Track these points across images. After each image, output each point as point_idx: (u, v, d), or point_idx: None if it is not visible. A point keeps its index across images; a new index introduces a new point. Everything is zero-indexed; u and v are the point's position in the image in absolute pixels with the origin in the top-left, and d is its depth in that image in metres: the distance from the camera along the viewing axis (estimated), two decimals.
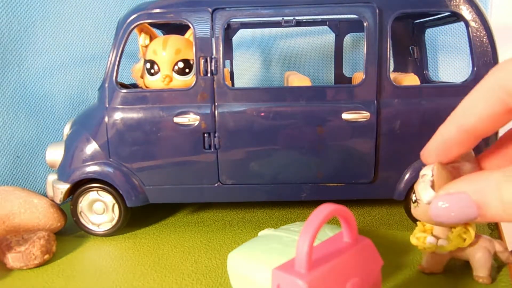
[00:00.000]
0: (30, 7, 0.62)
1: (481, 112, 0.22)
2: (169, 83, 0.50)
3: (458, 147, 0.24)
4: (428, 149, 0.25)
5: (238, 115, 0.48)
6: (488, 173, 0.19)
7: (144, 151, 0.49)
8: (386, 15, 0.45)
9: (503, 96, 0.20)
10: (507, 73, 0.21)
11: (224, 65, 0.49)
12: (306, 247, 0.18)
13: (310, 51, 0.86)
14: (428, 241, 0.36)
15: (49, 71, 0.65)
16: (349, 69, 0.85)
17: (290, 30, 0.84)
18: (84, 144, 0.50)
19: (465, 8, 0.45)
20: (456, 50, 0.79)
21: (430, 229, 0.37)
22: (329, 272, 0.19)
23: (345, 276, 0.20)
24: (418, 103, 0.47)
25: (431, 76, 0.74)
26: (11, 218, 0.47)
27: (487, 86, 0.21)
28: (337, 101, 0.47)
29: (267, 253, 0.33)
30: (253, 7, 0.47)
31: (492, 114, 0.21)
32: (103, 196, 0.51)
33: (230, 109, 0.48)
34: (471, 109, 0.22)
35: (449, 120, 0.23)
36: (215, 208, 0.58)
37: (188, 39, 0.52)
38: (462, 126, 0.22)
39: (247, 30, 0.80)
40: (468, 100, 0.22)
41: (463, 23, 0.46)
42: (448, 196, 0.20)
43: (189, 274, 0.40)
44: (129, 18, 0.49)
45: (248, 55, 0.88)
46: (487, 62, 0.45)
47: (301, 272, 0.18)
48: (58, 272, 0.42)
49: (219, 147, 0.49)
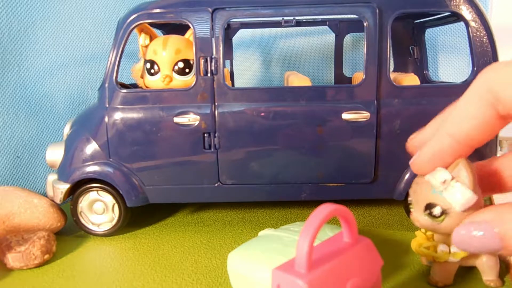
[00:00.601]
0: (30, 7, 0.61)
1: (472, 120, 0.21)
2: (169, 83, 0.50)
3: (452, 157, 0.23)
4: (420, 160, 0.24)
5: (238, 115, 0.48)
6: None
7: (144, 151, 0.49)
8: (386, 15, 0.45)
9: (491, 100, 0.20)
10: (494, 76, 0.20)
11: (224, 65, 0.49)
12: (306, 247, 0.18)
13: (310, 51, 0.86)
14: (441, 249, 0.34)
15: (49, 71, 0.65)
16: (349, 69, 0.85)
17: (290, 30, 0.84)
18: (84, 144, 0.50)
19: (465, 8, 0.45)
20: (456, 50, 0.79)
21: (431, 236, 0.35)
22: (329, 272, 0.19)
23: (345, 276, 0.20)
24: (418, 103, 0.47)
25: (431, 76, 0.74)
26: (11, 218, 0.47)
27: (475, 91, 0.21)
28: (337, 101, 0.47)
29: (267, 253, 0.33)
30: (253, 7, 0.47)
31: (483, 121, 0.21)
32: (103, 196, 0.51)
33: (230, 109, 0.48)
34: (462, 117, 0.21)
35: (441, 130, 0.23)
36: (215, 208, 0.58)
37: (188, 39, 0.52)
38: (454, 135, 0.22)
39: (247, 30, 0.80)
40: (458, 107, 0.22)
41: (463, 23, 0.46)
42: (473, 225, 0.20)
43: (189, 274, 0.40)
44: (129, 18, 0.49)
45: (248, 55, 0.88)
46: (487, 62, 0.45)
47: (301, 272, 0.18)
48: (58, 272, 0.42)
49: (219, 147, 0.49)
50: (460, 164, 0.22)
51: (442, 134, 0.23)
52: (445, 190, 0.22)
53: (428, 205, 0.23)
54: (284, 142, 0.48)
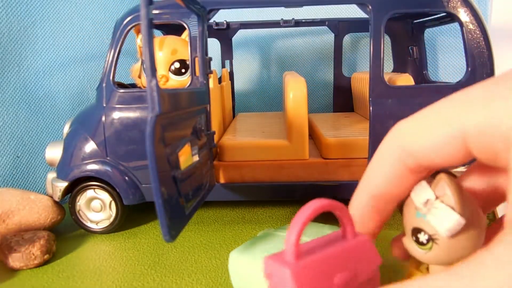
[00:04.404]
0: (30, 7, 0.62)
1: (385, 175, 0.21)
2: (166, 83, 0.50)
3: (377, 214, 0.22)
4: (350, 207, 0.23)
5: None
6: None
7: (140, 150, 0.49)
8: (380, 15, 0.45)
9: (402, 156, 0.20)
10: (404, 129, 0.20)
11: (224, 65, 0.49)
12: (294, 237, 0.19)
13: (310, 51, 0.86)
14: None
15: (49, 71, 0.65)
16: (348, 69, 0.85)
17: (289, 30, 0.84)
18: (82, 143, 0.50)
19: (461, 9, 0.45)
20: (456, 50, 0.79)
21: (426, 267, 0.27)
22: (317, 262, 0.19)
23: (334, 268, 0.20)
24: (412, 103, 0.46)
25: (431, 76, 0.74)
26: (10, 216, 0.47)
27: (387, 147, 0.21)
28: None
29: (269, 252, 0.33)
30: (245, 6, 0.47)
31: (396, 176, 0.21)
32: (100, 194, 0.51)
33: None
34: (376, 173, 0.21)
35: (359, 187, 0.22)
36: (215, 207, 0.58)
37: (185, 39, 0.52)
38: (371, 192, 0.22)
39: (247, 30, 0.80)
40: (372, 163, 0.22)
41: (458, 24, 0.46)
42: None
43: (189, 274, 0.40)
44: (127, 18, 0.49)
45: (248, 55, 0.88)
46: (483, 63, 0.45)
47: (288, 261, 0.19)
48: (58, 272, 0.42)
49: (215, 145, 0.49)
50: (442, 181, 0.19)
51: (359, 191, 0.23)
52: (429, 212, 0.19)
53: (413, 230, 0.20)
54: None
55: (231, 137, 0.56)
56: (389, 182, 0.21)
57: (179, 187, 0.33)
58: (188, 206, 0.35)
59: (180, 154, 0.34)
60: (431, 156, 0.19)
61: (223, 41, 0.78)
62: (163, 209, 0.28)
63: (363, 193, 0.22)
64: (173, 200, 0.31)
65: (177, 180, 0.33)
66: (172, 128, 0.33)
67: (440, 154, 0.19)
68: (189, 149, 0.37)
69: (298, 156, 0.50)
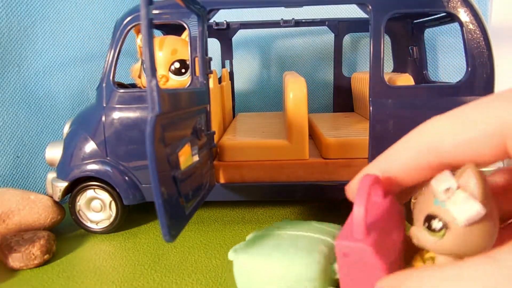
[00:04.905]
0: (30, 7, 0.62)
1: (403, 165, 0.21)
2: (166, 83, 0.50)
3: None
4: (350, 187, 0.23)
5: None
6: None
7: (140, 150, 0.49)
8: (380, 15, 0.45)
9: (429, 155, 0.20)
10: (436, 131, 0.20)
11: (224, 65, 0.49)
12: (361, 215, 0.20)
13: (310, 51, 0.86)
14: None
15: (49, 71, 0.65)
16: (348, 69, 0.85)
17: (289, 30, 0.84)
18: (82, 143, 0.50)
19: (461, 9, 0.45)
20: (456, 50, 0.79)
21: (433, 258, 0.26)
22: (381, 230, 0.21)
23: (390, 228, 0.22)
24: (412, 103, 0.46)
25: (431, 76, 0.74)
26: (10, 216, 0.47)
27: (414, 142, 0.21)
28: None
29: (276, 249, 0.33)
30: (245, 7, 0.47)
31: (414, 169, 0.21)
32: (100, 194, 0.51)
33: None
34: (395, 158, 0.22)
35: (373, 162, 0.23)
36: (215, 207, 0.58)
37: (185, 39, 0.52)
38: (382, 171, 0.22)
39: (247, 30, 0.80)
40: (396, 147, 0.22)
41: (458, 24, 0.46)
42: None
43: (189, 274, 0.40)
44: (126, 19, 0.49)
45: (248, 55, 0.88)
46: (483, 63, 0.45)
47: (363, 238, 0.20)
48: (58, 272, 0.42)
49: (215, 145, 0.49)
50: (469, 170, 0.19)
51: (372, 166, 0.23)
52: (449, 200, 0.19)
53: (427, 217, 0.20)
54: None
55: (231, 137, 0.56)
56: (403, 171, 0.21)
57: (179, 187, 0.33)
58: (188, 206, 0.35)
59: (180, 154, 0.34)
60: (462, 155, 0.19)
61: (223, 41, 0.78)
62: (163, 209, 0.28)
63: (373, 166, 0.22)
64: (173, 200, 0.31)
65: (177, 180, 0.33)
66: (172, 128, 0.33)
67: (471, 153, 0.19)
68: (189, 149, 0.37)
69: (298, 156, 0.50)
